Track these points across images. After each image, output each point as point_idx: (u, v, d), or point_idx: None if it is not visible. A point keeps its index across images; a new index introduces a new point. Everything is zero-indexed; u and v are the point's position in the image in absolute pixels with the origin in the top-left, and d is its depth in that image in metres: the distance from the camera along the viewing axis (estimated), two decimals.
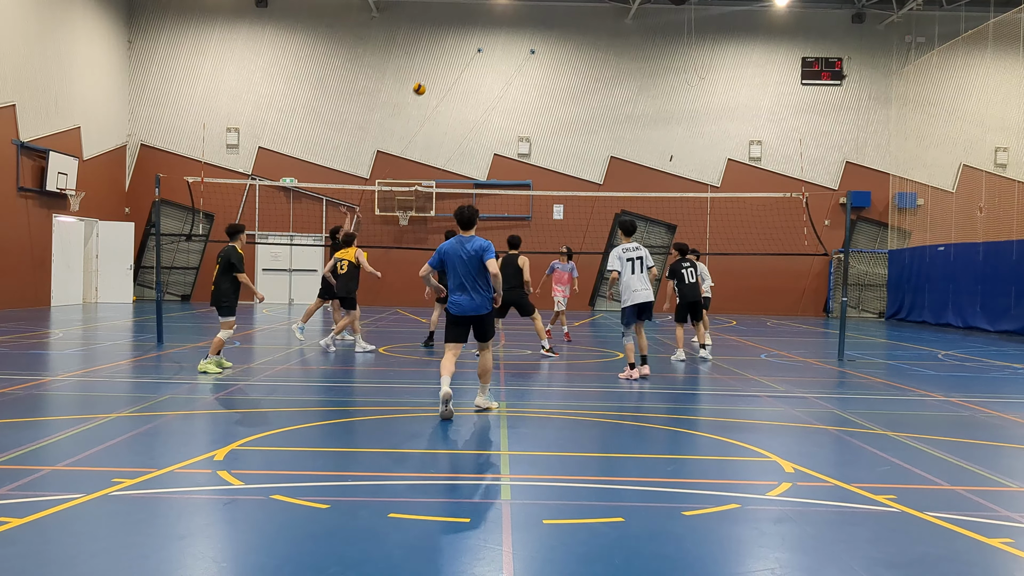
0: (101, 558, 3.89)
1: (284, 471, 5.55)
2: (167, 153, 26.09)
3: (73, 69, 22.87)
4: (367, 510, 4.67)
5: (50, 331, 15.27)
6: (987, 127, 24.83)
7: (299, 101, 26.34)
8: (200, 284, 26.30)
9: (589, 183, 26.04)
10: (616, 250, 10.36)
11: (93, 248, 24.18)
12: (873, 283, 26.60)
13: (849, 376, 11.17)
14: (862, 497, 5.08)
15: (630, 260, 10.18)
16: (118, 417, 7.09)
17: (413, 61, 26.44)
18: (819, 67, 26.61)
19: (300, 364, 11.31)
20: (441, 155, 26.32)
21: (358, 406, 8.29)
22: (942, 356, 14.17)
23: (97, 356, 11.69)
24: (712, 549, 4.19)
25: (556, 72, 26.58)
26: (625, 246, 10.33)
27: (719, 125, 26.57)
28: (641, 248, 10.35)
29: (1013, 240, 19.46)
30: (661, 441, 6.98)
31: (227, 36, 26.35)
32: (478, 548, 4.10)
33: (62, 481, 5.12)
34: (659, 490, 5.27)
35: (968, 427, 7.62)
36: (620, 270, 10.19)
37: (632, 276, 10.15)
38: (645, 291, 10.15)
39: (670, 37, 26.52)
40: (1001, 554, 4.17)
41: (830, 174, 26.55)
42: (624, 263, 10.19)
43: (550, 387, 9.98)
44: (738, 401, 8.93)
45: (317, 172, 25.86)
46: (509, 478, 5.41)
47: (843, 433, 7.13)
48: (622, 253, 10.25)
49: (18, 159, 20.40)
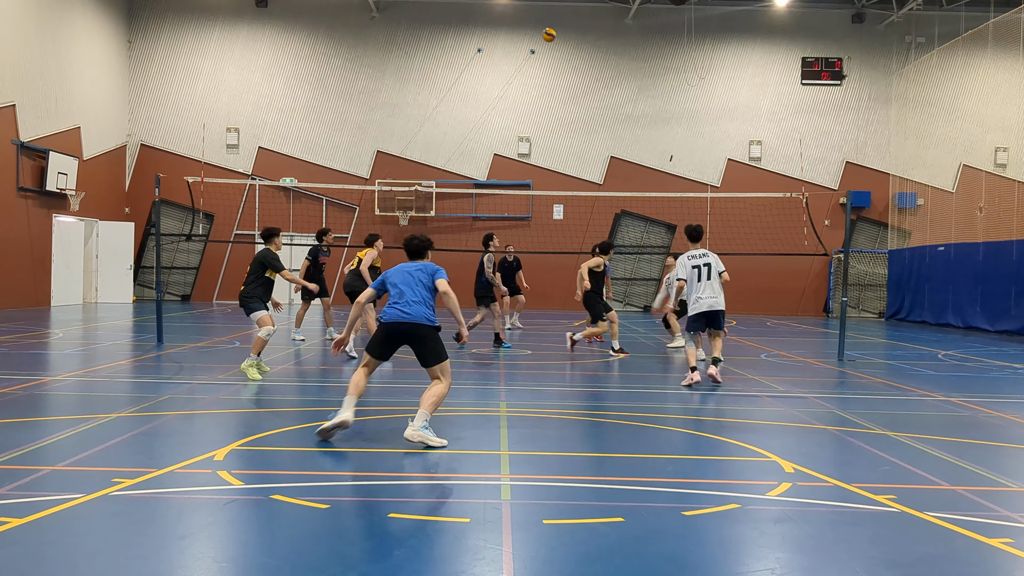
0: (101, 558, 3.89)
1: (284, 471, 5.55)
2: (167, 153, 26.09)
3: (73, 69, 22.87)
4: (367, 510, 4.67)
5: (50, 331, 15.27)
6: (987, 127, 24.83)
7: (299, 101, 26.34)
8: (200, 284, 26.31)
9: (589, 183, 26.04)
10: (682, 258, 10.14)
11: (93, 248, 24.19)
12: (873, 283, 26.60)
13: (849, 376, 11.17)
14: (862, 497, 5.08)
15: (695, 267, 9.95)
16: (118, 417, 7.09)
17: (413, 61, 26.44)
18: (819, 67, 26.61)
19: (300, 364, 11.31)
20: (441, 155, 26.33)
21: (358, 406, 8.28)
22: (942, 356, 14.16)
23: (97, 356, 11.69)
24: (712, 549, 4.19)
25: (556, 72, 26.59)
26: (691, 253, 10.09)
27: (719, 125, 26.57)
28: (709, 254, 10.09)
29: (1013, 240, 19.46)
30: (661, 441, 6.98)
31: (227, 36, 26.35)
32: (478, 548, 4.10)
33: (62, 481, 5.12)
34: (659, 490, 5.27)
35: (968, 427, 7.61)
36: (686, 278, 9.98)
37: (698, 284, 9.90)
38: (711, 299, 9.86)
39: (670, 37, 26.52)
40: (1001, 554, 4.17)
41: (830, 174, 26.55)
42: (690, 270, 9.96)
43: (550, 387, 9.97)
44: (738, 401, 8.93)
45: (317, 172, 25.86)
46: (509, 478, 5.41)
47: (843, 433, 7.13)
48: (687, 260, 10.02)
49: (18, 159, 20.40)
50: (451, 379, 6.67)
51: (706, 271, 9.90)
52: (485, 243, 14.39)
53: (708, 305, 9.85)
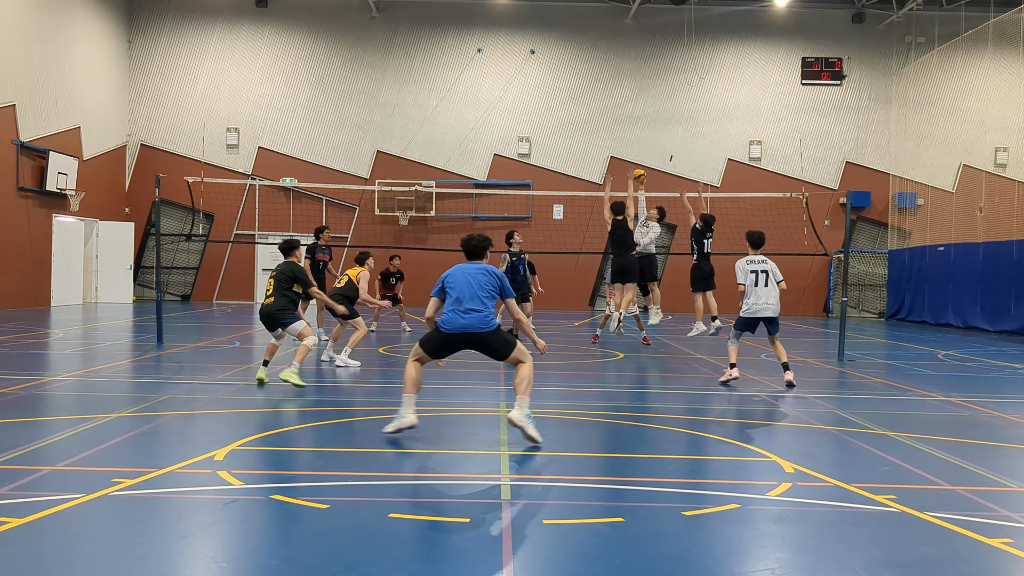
0: (101, 558, 3.89)
1: (284, 471, 5.55)
2: (167, 153, 26.09)
3: (73, 69, 22.87)
4: (367, 510, 4.66)
5: (50, 331, 15.27)
6: (987, 127, 24.84)
7: (299, 101, 26.34)
8: (200, 284, 26.32)
9: (589, 183, 26.03)
10: (741, 262, 10.26)
11: (93, 248, 24.19)
12: (873, 283, 26.60)
13: (849, 376, 11.17)
14: (862, 497, 5.07)
15: (754, 272, 10.09)
16: (118, 417, 7.09)
17: (413, 61, 26.44)
18: (819, 67, 26.61)
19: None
20: (441, 155, 26.33)
21: (358, 406, 8.29)
22: (942, 356, 14.16)
23: (97, 356, 11.69)
24: (712, 549, 4.19)
25: (556, 72, 26.59)
26: (750, 258, 10.24)
27: (719, 125, 26.57)
28: (767, 261, 10.19)
29: (1013, 240, 19.46)
30: (661, 441, 6.98)
31: (227, 36, 26.35)
32: (478, 548, 4.10)
33: (62, 481, 5.11)
34: (659, 490, 5.27)
35: (968, 427, 7.61)
36: (745, 283, 10.11)
37: (755, 288, 10.04)
38: (768, 305, 10.01)
39: (670, 37, 26.52)
40: (1001, 554, 4.17)
41: (830, 174, 26.55)
42: (748, 275, 10.10)
43: (550, 387, 9.97)
44: (738, 401, 8.93)
45: (317, 172, 25.86)
46: (509, 478, 5.41)
47: (843, 433, 7.13)
48: (746, 265, 10.17)
49: (18, 159, 20.41)
50: (529, 355, 6.64)
51: (764, 277, 10.04)
52: (508, 240, 14.29)
53: (772, 311, 10.00)
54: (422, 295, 13.74)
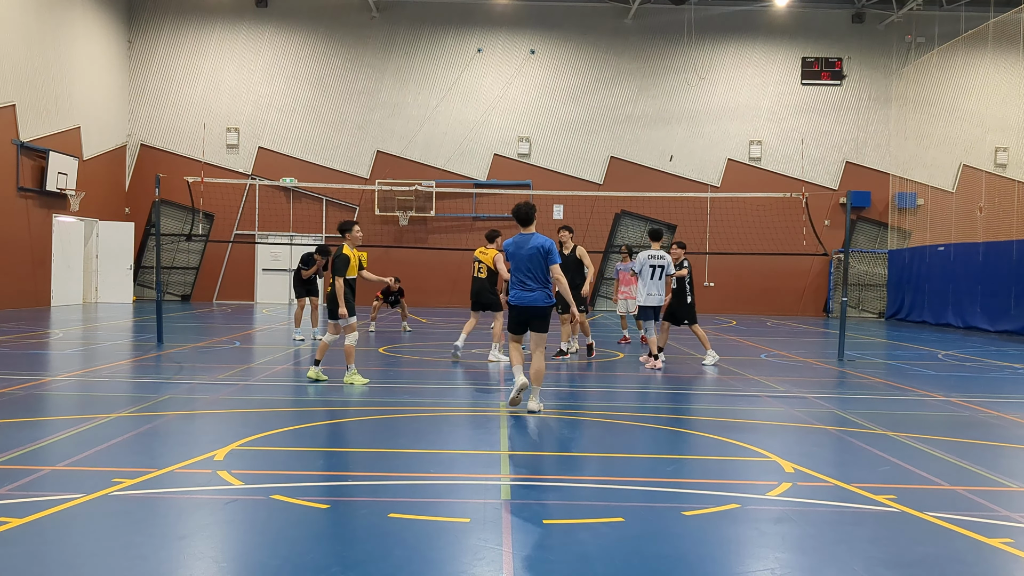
0: (101, 558, 3.89)
1: (284, 471, 5.55)
2: (167, 153, 26.09)
3: (73, 69, 22.87)
4: (367, 510, 4.66)
5: (50, 331, 15.27)
6: (987, 127, 24.84)
7: (299, 101, 26.34)
8: (200, 284, 26.31)
9: (589, 183, 26.03)
10: (642, 255, 11.58)
11: (93, 248, 24.18)
12: (873, 283, 26.60)
13: (849, 376, 11.17)
14: (862, 497, 5.07)
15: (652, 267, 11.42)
16: (118, 417, 7.09)
17: (413, 61, 26.44)
18: (819, 67, 26.61)
19: (300, 364, 11.30)
20: (441, 155, 26.33)
21: (358, 406, 8.29)
22: (942, 356, 14.16)
23: (97, 356, 11.69)
24: (712, 549, 4.19)
25: (556, 72, 26.58)
26: (651, 252, 11.51)
27: (719, 125, 26.57)
28: (665, 256, 11.49)
29: (1013, 240, 19.46)
30: (661, 441, 6.98)
31: (227, 36, 26.35)
32: (478, 548, 4.10)
33: (62, 481, 5.12)
34: (659, 490, 5.27)
35: (968, 427, 7.61)
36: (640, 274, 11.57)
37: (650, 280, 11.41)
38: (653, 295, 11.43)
39: (670, 37, 26.52)
40: (1001, 554, 4.17)
41: (830, 174, 26.55)
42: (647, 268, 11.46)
43: (550, 387, 9.97)
44: (738, 401, 8.93)
45: (317, 172, 25.86)
46: (509, 478, 5.41)
47: (843, 433, 7.13)
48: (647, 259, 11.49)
49: (18, 159, 20.40)
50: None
51: (659, 271, 11.37)
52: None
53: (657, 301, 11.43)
54: (423, 295, 13.78)
